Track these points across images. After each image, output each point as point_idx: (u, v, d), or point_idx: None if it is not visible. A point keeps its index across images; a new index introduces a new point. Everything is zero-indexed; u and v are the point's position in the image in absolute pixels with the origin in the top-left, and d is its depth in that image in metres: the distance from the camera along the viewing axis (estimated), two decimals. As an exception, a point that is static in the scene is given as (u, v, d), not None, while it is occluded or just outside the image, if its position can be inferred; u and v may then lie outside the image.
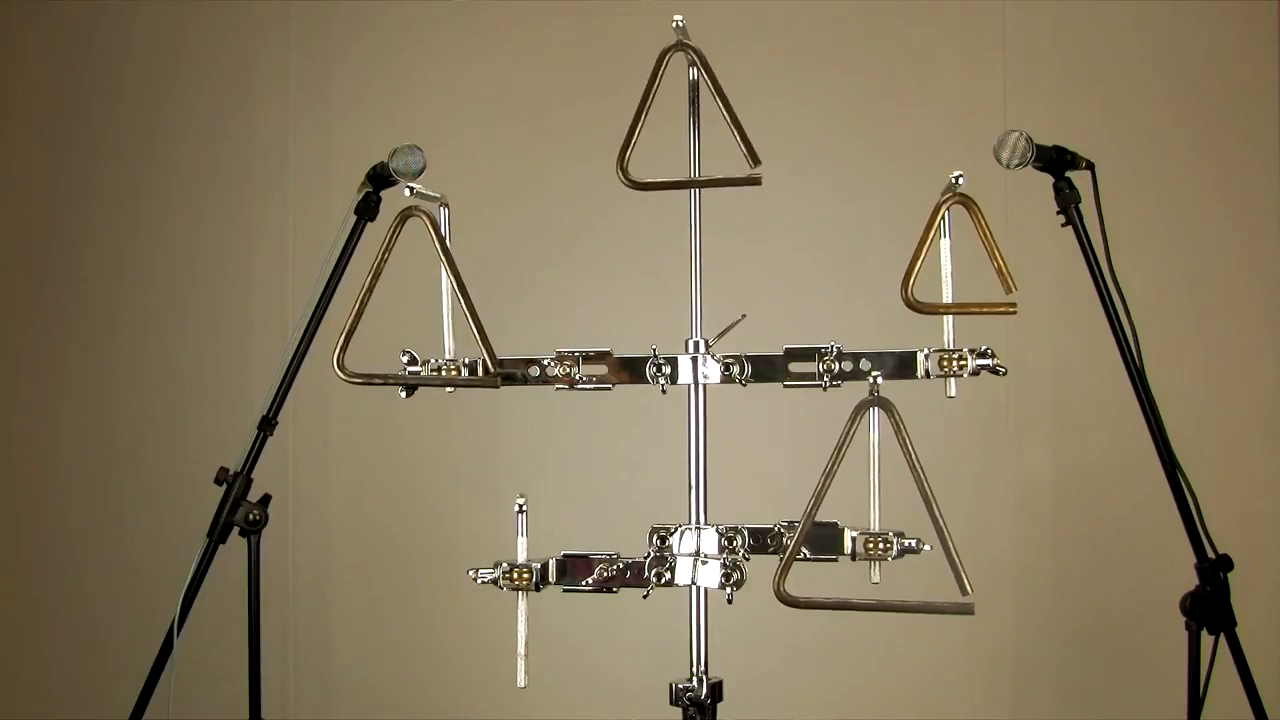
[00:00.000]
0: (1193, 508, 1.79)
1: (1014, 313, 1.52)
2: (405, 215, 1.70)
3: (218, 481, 1.93)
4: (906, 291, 1.51)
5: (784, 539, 1.66)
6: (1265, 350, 2.48)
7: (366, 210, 1.90)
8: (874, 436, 1.56)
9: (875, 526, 1.60)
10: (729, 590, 1.68)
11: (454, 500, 2.70)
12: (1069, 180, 1.77)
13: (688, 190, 1.73)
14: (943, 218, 1.55)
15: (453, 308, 1.74)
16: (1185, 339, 2.45)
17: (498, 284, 2.30)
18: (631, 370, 1.74)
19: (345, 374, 1.62)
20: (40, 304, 2.94)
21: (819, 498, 1.56)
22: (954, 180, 1.55)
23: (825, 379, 1.65)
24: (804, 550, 1.60)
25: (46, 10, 2.96)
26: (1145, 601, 2.38)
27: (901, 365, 1.63)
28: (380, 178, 1.85)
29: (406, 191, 1.72)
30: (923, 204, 1.56)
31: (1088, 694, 2.50)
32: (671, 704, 1.68)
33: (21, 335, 2.94)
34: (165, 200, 2.87)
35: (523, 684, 1.68)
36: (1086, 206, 1.77)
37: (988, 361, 1.58)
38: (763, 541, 1.69)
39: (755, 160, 1.63)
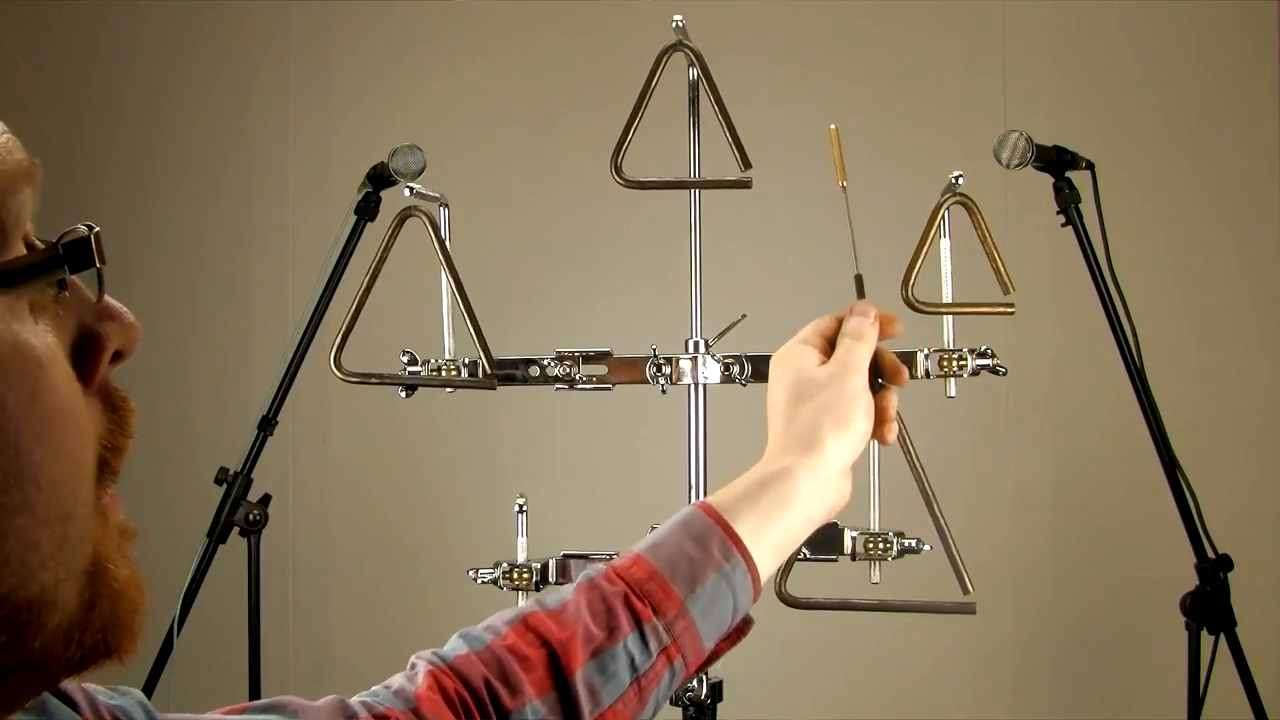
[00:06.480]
0: (1193, 508, 1.78)
1: (1012, 313, 1.51)
2: (405, 215, 1.69)
3: (218, 481, 1.93)
4: (906, 291, 1.51)
5: (784, 539, 1.66)
6: (1264, 350, 2.48)
7: (366, 210, 1.90)
8: (874, 436, 1.56)
9: (875, 526, 1.60)
10: (729, 590, 1.67)
11: (454, 500, 2.70)
12: (1069, 180, 1.76)
13: (686, 190, 1.73)
14: (942, 218, 1.54)
15: (452, 308, 1.73)
16: (1185, 339, 2.45)
17: (498, 284, 2.30)
18: (631, 370, 1.74)
19: (342, 373, 1.62)
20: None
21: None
22: (954, 180, 1.54)
23: (825, 379, 1.65)
24: (804, 550, 1.60)
25: (46, 10, 2.96)
26: (1145, 601, 2.38)
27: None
28: (380, 178, 1.85)
29: (406, 191, 1.72)
30: (922, 204, 1.55)
31: (1087, 694, 2.50)
32: (671, 704, 1.68)
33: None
34: (166, 200, 2.87)
35: (523, 684, 1.67)
36: (1086, 206, 1.77)
37: (988, 361, 1.57)
38: (762, 541, 1.68)
39: (746, 164, 1.63)
